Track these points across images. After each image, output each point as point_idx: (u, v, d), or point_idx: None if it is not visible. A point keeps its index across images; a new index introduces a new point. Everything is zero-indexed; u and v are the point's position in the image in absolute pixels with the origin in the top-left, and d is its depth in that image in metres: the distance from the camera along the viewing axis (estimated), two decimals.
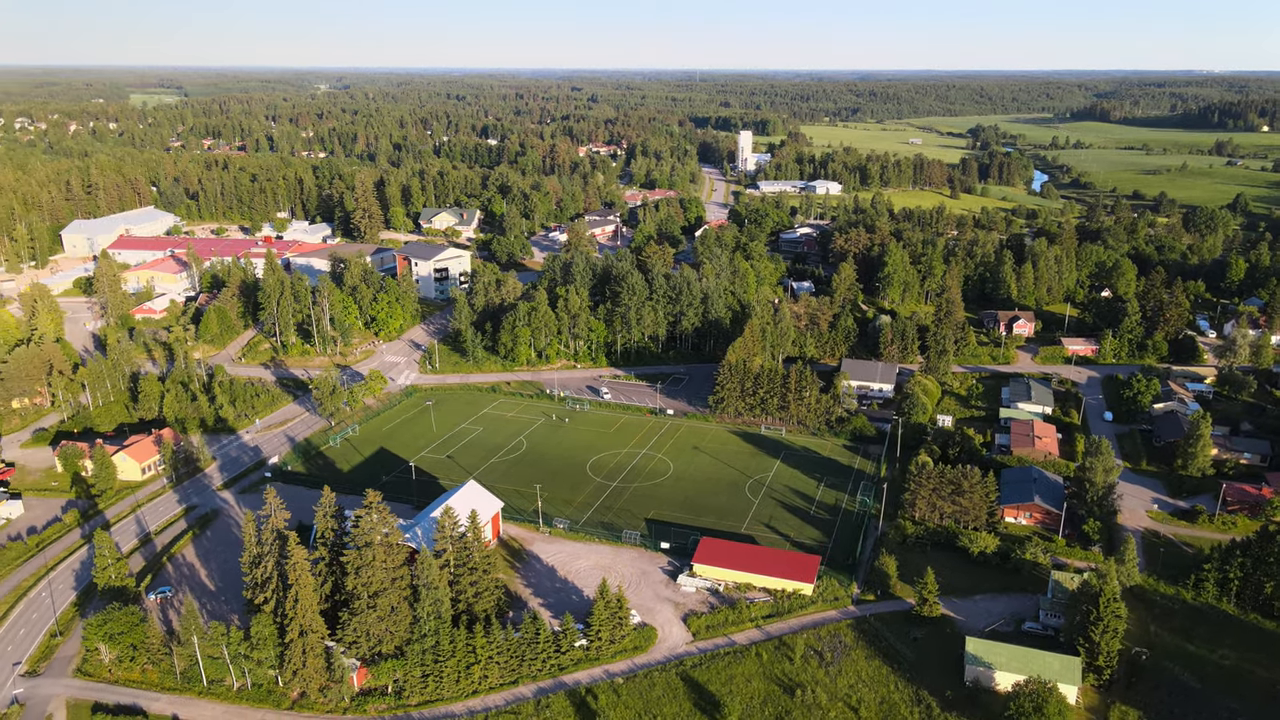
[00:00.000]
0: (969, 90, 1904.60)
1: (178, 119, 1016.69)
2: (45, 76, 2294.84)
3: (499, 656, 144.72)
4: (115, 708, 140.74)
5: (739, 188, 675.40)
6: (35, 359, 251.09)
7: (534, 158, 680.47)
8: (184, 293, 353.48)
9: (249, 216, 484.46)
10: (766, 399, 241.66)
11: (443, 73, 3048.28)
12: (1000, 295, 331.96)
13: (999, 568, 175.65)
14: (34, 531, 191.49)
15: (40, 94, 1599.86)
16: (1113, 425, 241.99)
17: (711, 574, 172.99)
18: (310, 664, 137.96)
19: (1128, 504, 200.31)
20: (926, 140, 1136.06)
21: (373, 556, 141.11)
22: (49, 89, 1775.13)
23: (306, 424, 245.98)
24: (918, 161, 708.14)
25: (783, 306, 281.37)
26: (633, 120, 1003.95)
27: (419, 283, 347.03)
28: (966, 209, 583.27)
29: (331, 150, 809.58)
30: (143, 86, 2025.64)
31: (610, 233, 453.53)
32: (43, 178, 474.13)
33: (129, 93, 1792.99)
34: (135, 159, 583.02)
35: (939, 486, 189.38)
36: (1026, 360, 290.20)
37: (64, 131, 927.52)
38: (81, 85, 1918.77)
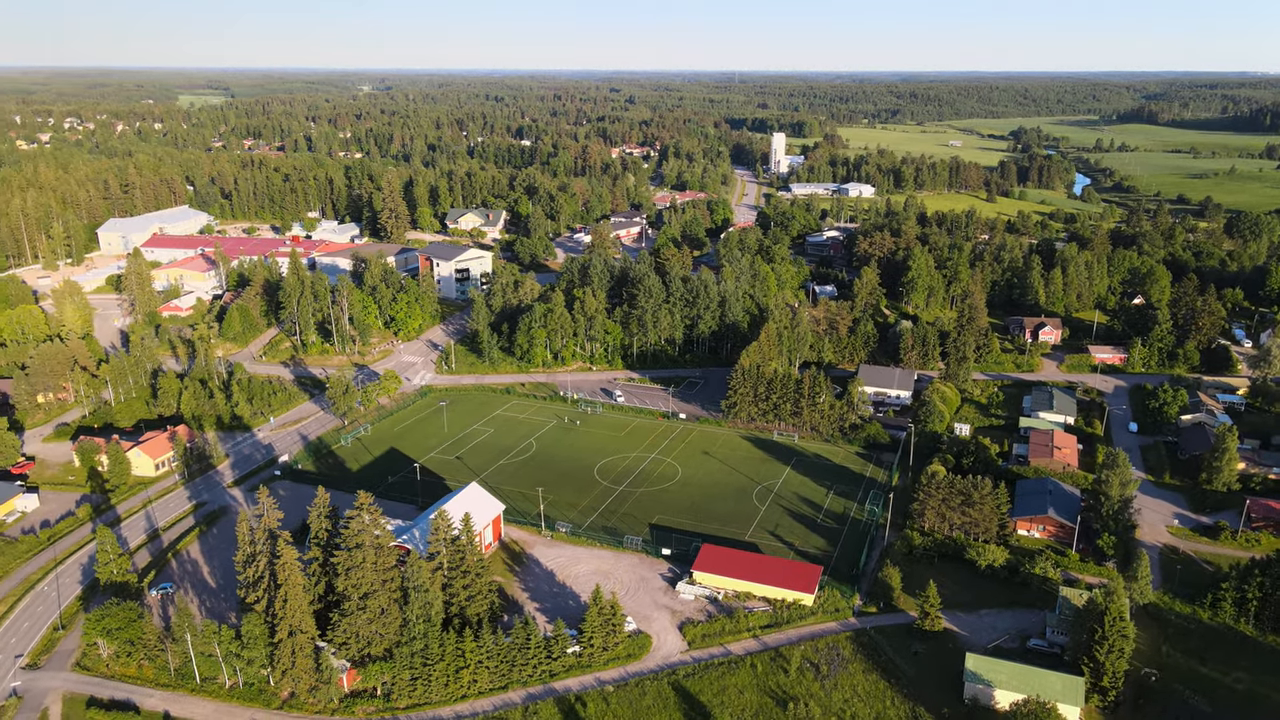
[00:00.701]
0: (1012, 91, 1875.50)
1: (220, 119, 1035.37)
2: (98, 78, 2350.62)
3: (489, 661, 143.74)
4: (109, 703, 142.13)
5: (771, 190, 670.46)
6: (60, 355, 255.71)
7: (565, 159, 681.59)
8: (211, 291, 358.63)
9: (280, 216, 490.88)
10: (779, 404, 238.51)
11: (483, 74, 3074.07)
12: (1028, 301, 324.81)
13: (1007, 582, 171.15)
14: (47, 525, 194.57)
15: (92, 95, 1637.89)
16: (1137, 436, 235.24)
17: (711, 582, 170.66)
18: (299, 664, 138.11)
19: (1148, 518, 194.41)
20: (966, 142, 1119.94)
21: (363, 558, 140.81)
22: (101, 90, 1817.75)
23: (320, 422, 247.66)
24: (954, 164, 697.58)
25: (800, 311, 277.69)
26: (667, 122, 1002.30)
27: (440, 283, 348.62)
28: (1002, 212, 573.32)
29: (367, 151, 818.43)
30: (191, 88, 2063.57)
31: (636, 234, 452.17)
32: (81, 177, 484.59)
33: (178, 94, 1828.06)
34: (174, 159, 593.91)
35: (948, 497, 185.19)
36: (1052, 368, 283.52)
37: (111, 131, 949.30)
38: (133, 86, 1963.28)
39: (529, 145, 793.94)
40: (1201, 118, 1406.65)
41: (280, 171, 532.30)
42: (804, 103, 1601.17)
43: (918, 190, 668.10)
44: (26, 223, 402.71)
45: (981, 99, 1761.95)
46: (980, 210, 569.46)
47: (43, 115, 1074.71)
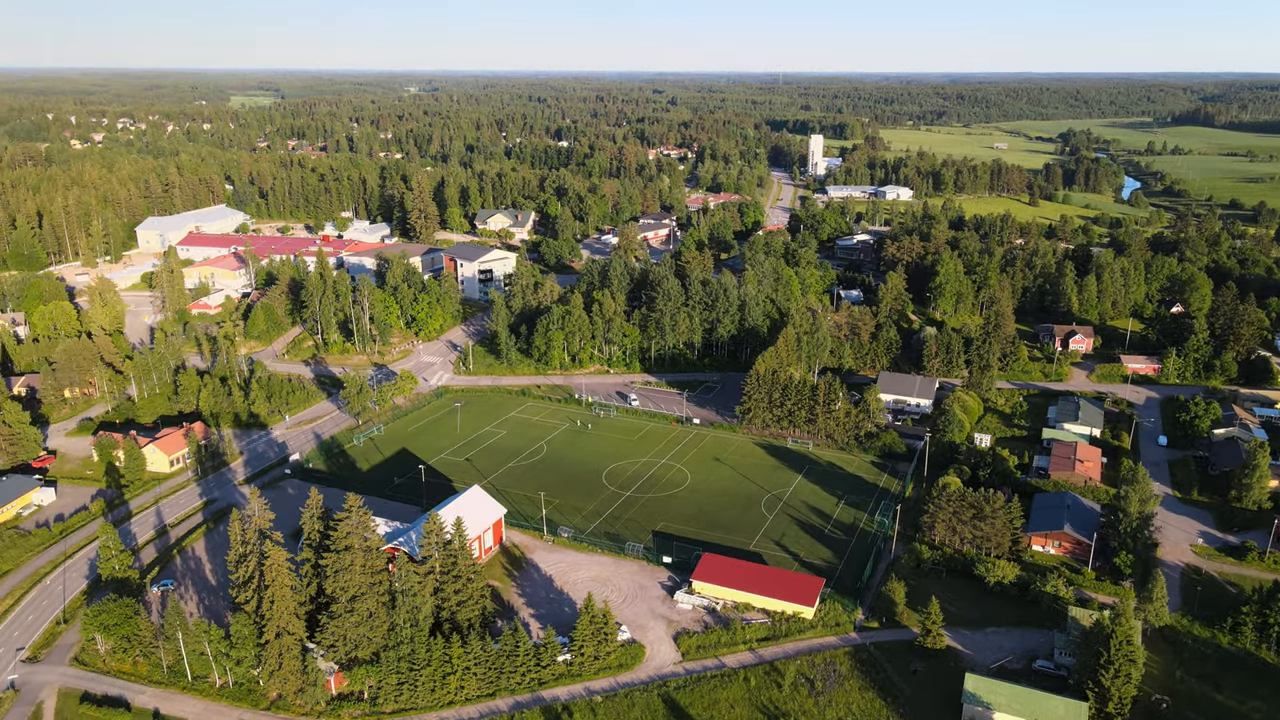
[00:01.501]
0: (1063, 93, 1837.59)
1: (266, 120, 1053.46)
2: (155, 79, 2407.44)
3: (476, 668, 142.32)
4: (102, 698, 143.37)
5: (807, 192, 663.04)
6: (86, 351, 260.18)
7: (600, 160, 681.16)
8: (242, 289, 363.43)
9: (314, 215, 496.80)
10: (794, 411, 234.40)
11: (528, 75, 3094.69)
12: (1060, 308, 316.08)
13: (1017, 600, 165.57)
14: (61, 519, 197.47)
15: (148, 96, 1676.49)
16: (1166, 450, 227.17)
17: (710, 592, 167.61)
18: (286, 665, 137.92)
19: (1171, 536, 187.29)
20: (1012, 145, 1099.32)
21: (350, 561, 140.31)
22: (157, 91, 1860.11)
23: (335, 421, 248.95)
24: (995, 167, 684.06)
25: (820, 316, 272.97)
26: (707, 123, 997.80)
27: (464, 284, 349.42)
28: (1044, 217, 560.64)
29: (407, 152, 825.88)
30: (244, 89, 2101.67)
31: (664, 236, 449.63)
32: (124, 176, 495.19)
33: (230, 95, 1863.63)
34: (216, 158, 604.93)
35: (959, 510, 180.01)
36: (1081, 378, 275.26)
37: (161, 132, 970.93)
38: (187, 88, 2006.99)
39: (566, 146, 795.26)
40: (1261, 120, 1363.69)
41: (316, 172, 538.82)
42: (847, 104, 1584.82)
43: (957, 193, 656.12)
44: (68, 220, 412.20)
45: (1031, 100, 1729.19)
46: (1021, 214, 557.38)
47: (97, 115, 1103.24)
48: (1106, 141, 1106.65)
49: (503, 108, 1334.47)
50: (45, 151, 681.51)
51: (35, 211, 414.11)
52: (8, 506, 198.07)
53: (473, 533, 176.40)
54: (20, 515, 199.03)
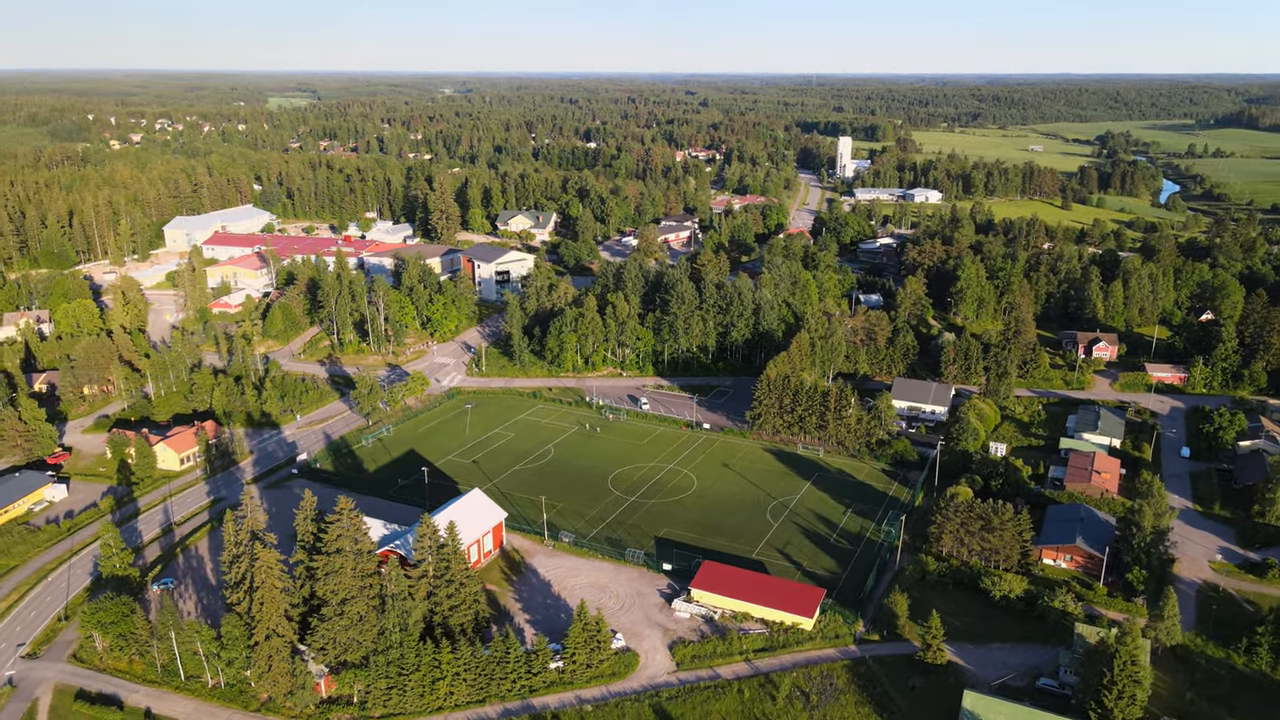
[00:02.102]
0: (1102, 94, 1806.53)
1: (300, 121, 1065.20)
2: (196, 81, 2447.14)
3: (466, 674, 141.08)
4: (96, 696, 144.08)
5: (834, 195, 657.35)
6: (105, 349, 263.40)
7: (627, 161, 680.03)
8: (263, 289, 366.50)
9: (338, 215, 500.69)
10: (805, 417, 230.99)
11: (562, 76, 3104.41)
12: (1085, 315, 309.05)
13: (1023, 615, 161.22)
14: (70, 515, 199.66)
15: (188, 97, 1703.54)
16: (1189, 462, 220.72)
17: (709, 600, 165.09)
18: (276, 667, 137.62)
19: (1189, 552, 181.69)
20: (1048, 147, 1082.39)
21: (341, 564, 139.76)
22: (197, 93, 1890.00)
23: (346, 422, 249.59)
24: (1027, 170, 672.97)
25: (834, 320, 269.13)
26: (736, 125, 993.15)
27: (481, 285, 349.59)
28: (1077, 221, 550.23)
29: (436, 153, 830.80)
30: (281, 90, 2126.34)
31: (685, 238, 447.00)
32: (154, 176, 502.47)
33: (268, 96, 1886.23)
34: (246, 159, 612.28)
35: (967, 521, 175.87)
36: (1104, 386, 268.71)
37: (198, 132, 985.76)
38: (227, 89, 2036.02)
39: (593, 148, 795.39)
40: None
41: (343, 172, 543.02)
42: (880, 106, 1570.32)
43: (988, 196, 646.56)
44: (97, 220, 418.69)
45: (1069, 102, 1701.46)
46: (1052, 218, 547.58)
47: (136, 116, 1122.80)
48: (1146, 144, 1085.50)
49: (534, 109, 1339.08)
50: (82, 151, 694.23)
51: (67, 211, 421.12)
52: (19, 502, 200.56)
53: (471, 536, 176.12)
54: (31, 511, 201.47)
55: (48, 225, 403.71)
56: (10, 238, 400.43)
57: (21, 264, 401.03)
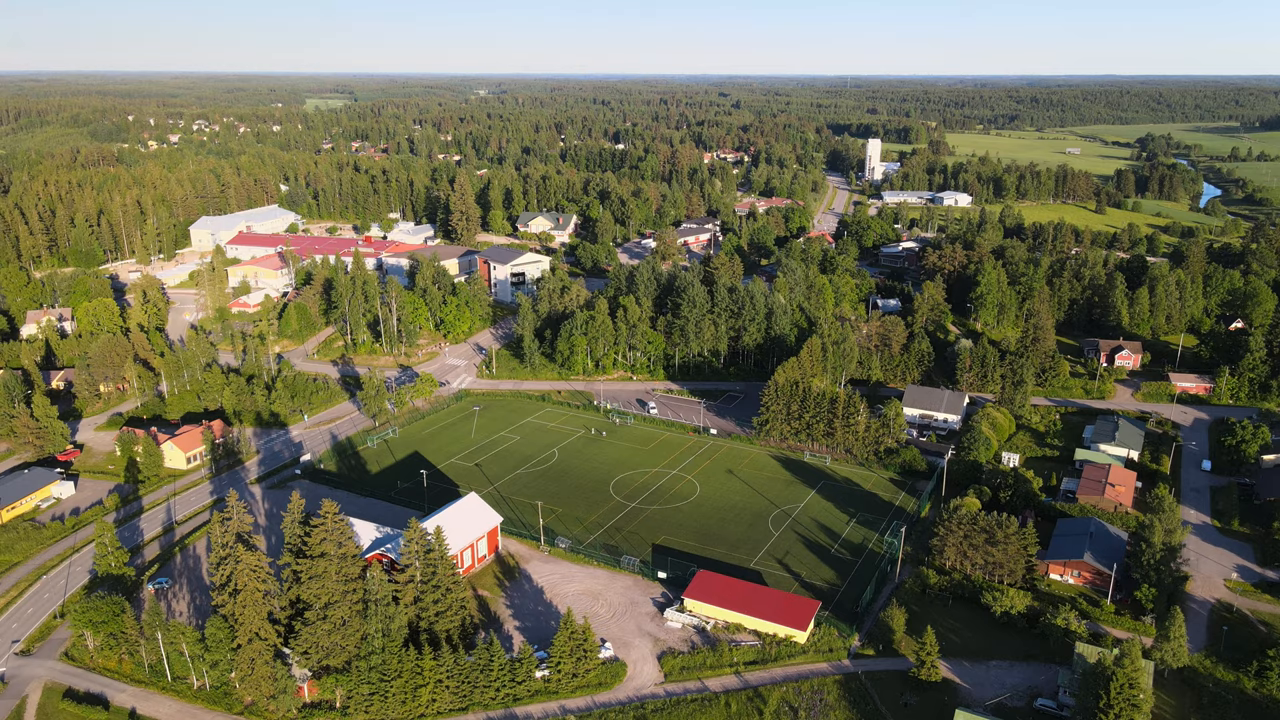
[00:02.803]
0: (1144, 96, 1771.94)
1: (333, 122, 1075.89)
2: (238, 83, 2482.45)
3: (449, 681, 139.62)
4: (84, 695, 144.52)
5: (862, 198, 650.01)
6: (119, 347, 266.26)
7: (653, 163, 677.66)
8: (283, 289, 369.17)
9: (362, 216, 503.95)
10: (813, 424, 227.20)
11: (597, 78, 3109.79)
12: (1109, 322, 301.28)
13: (1025, 631, 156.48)
14: (76, 512, 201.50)
15: (228, 98, 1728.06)
16: (1210, 476, 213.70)
17: (701, 610, 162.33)
18: (258, 671, 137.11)
19: (1205, 569, 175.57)
20: (1086, 150, 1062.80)
21: (324, 567, 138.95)
22: (237, 94, 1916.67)
23: (353, 423, 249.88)
24: (1060, 173, 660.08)
25: (846, 326, 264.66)
26: (767, 127, 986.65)
27: (496, 286, 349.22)
28: (1110, 225, 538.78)
29: (464, 154, 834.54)
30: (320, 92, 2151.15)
31: (705, 241, 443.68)
32: (182, 176, 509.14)
33: (306, 97, 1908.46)
34: (275, 159, 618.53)
35: (970, 534, 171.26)
36: (1126, 396, 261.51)
37: (234, 133, 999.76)
38: (266, 91, 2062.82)
39: (621, 149, 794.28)
40: None
41: (368, 173, 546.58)
42: (916, 108, 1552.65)
43: (1020, 200, 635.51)
44: (125, 219, 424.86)
45: (1110, 104, 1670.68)
46: (1085, 222, 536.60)
47: (174, 117, 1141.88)
48: (1188, 147, 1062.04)
49: (565, 110, 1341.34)
50: (117, 152, 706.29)
51: (96, 210, 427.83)
52: (27, 499, 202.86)
53: (465, 541, 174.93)
54: (39, 508, 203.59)
55: (76, 224, 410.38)
56: (40, 236, 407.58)
57: (51, 262, 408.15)
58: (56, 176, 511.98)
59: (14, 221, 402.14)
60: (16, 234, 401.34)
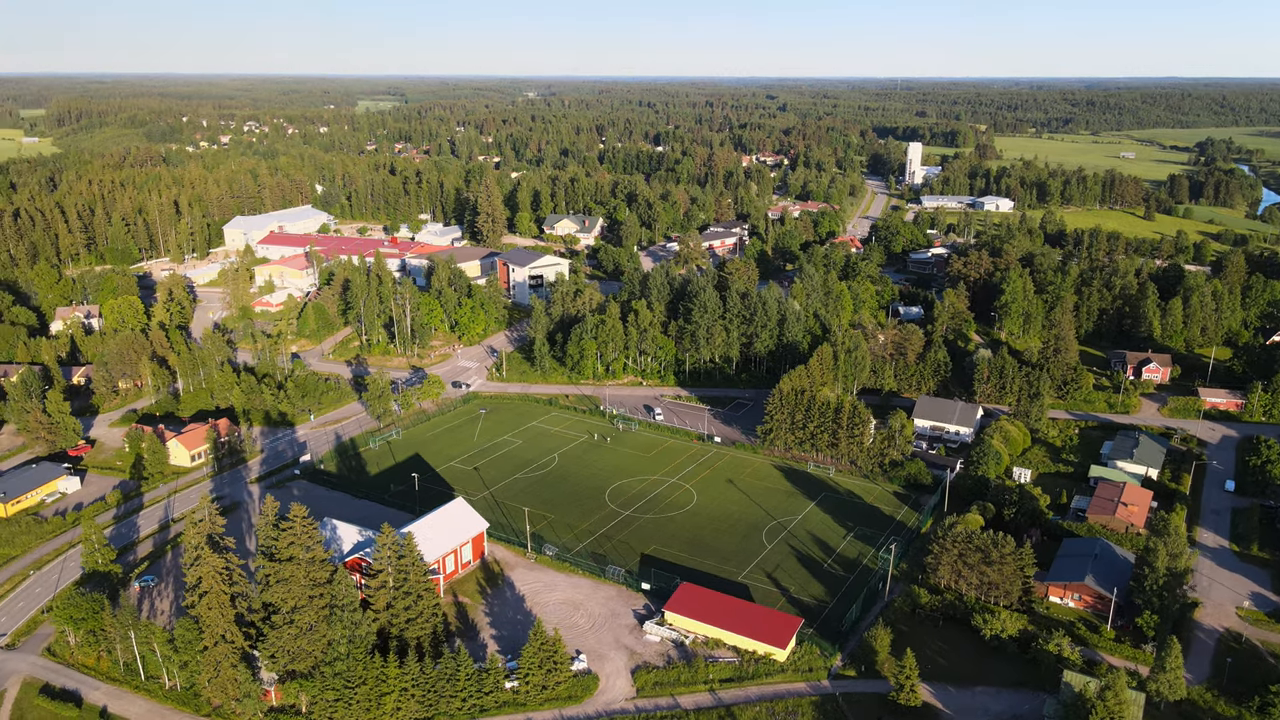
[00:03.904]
0: (1206, 99, 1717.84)
1: (379, 124, 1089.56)
2: (293, 85, 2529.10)
3: (414, 690, 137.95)
4: (60, 691, 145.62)
5: (900, 202, 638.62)
6: (137, 345, 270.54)
7: (689, 165, 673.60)
8: (308, 288, 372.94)
9: (393, 217, 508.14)
10: (817, 434, 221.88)
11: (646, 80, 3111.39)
12: (1139, 333, 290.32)
13: (1017, 656, 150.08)
14: (80, 508, 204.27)
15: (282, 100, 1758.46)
16: (1232, 497, 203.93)
17: (682, 624, 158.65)
18: (224, 673, 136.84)
19: (1216, 596, 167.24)
20: (1142, 154, 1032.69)
21: (291, 572, 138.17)
22: (291, 96, 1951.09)
23: (359, 424, 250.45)
24: (1108, 178, 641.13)
25: (862, 333, 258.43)
26: (810, 130, 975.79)
27: (515, 289, 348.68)
28: (1159, 232, 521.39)
29: (504, 155, 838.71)
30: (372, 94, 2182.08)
31: (732, 245, 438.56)
32: (219, 176, 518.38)
33: (358, 99, 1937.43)
34: (314, 160, 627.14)
35: (965, 552, 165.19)
36: (1151, 411, 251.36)
37: (282, 135, 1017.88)
38: (320, 93, 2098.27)
39: (660, 151, 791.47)
40: None
41: (401, 174, 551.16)
42: (966, 110, 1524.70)
43: (1064, 205, 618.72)
44: (161, 219, 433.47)
45: (1170, 107, 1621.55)
46: (1132, 229, 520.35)
47: (226, 119, 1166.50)
48: (1249, 151, 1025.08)
49: (611, 112, 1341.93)
50: (164, 152, 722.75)
51: (134, 209, 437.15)
52: (33, 493, 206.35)
53: (449, 546, 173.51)
54: (44, 502, 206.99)
55: (113, 223, 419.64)
56: (79, 234, 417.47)
57: (88, 260, 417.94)
58: (101, 176, 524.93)
59: (54, 219, 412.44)
60: (56, 231, 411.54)
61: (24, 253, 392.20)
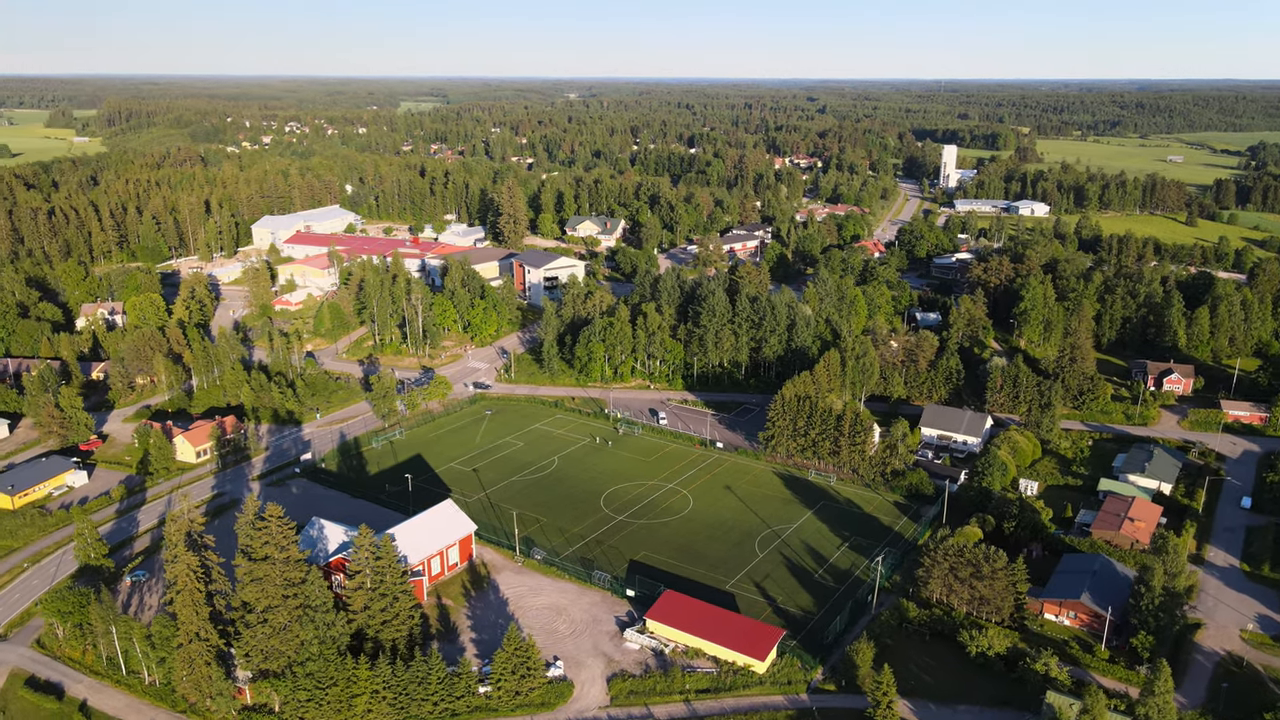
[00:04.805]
0: (1262, 102, 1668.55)
1: (416, 125, 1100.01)
2: (340, 86, 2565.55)
3: (385, 692, 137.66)
4: (44, 684, 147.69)
5: (933, 206, 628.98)
6: (152, 341, 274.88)
7: (719, 168, 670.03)
8: (329, 287, 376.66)
9: (418, 217, 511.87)
10: (819, 441, 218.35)
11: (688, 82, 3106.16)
12: (1164, 343, 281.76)
13: (1003, 675, 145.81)
14: (84, 501, 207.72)
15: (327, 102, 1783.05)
16: (1248, 515, 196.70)
17: (663, 632, 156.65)
18: (197, 671, 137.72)
19: (1221, 618, 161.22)
20: (1189, 158, 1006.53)
21: (265, 572, 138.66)
22: (337, 97, 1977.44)
23: (365, 422, 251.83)
24: (1149, 182, 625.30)
25: (868, 339, 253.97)
26: (846, 132, 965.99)
27: (530, 290, 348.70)
28: (1201, 238, 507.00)
29: (537, 157, 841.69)
30: (415, 95, 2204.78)
31: (753, 248, 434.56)
32: (250, 176, 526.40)
33: (400, 101, 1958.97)
34: (349, 160, 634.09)
35: (957, 566, 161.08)
36: (1171, 423, 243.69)
37: (321, 135, 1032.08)
38: (365, 94, 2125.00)
39: (693, 153, 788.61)
40: None
41: (428, 175, 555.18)
42: (1010, 113, 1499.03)
43: (1103, 210, 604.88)
44: (191, 218, 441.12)
45: (1223, 109, 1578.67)
46: (1173, 235, 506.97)
47: (269, 119, 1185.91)
48: None
49: (649, 113, 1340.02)
50: (202, 152, 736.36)
51: (167, 208, 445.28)
52: (40, 486, 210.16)
53: (435, 548, 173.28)
54: (51, 495, 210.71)
55: (144, 221, 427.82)
56: (111, 232, 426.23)
57: (120, 257, 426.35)
58: (138, 175, 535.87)
59: (87, 217, 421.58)
60: (89, 229, 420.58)
61: (57, 250, 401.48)
